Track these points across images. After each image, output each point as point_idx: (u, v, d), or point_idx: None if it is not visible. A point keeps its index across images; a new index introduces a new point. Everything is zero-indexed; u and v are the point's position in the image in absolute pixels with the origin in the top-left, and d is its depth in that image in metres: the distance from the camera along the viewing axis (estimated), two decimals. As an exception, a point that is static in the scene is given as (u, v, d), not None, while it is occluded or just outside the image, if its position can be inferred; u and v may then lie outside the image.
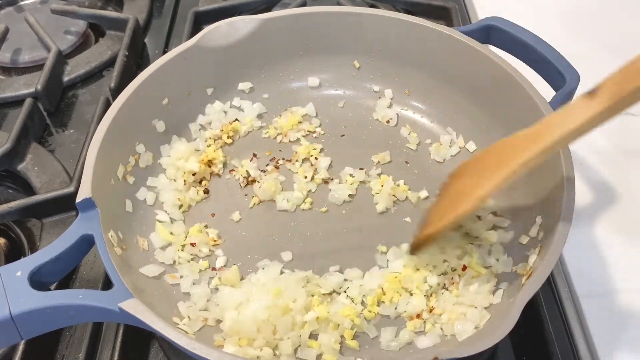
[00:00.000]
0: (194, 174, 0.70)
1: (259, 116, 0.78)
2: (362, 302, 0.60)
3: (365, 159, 0.74)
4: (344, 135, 0.77)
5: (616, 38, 0.92)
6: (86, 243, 0.55)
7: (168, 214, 0.67)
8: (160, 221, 0.66)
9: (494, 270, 0.61)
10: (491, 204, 0.67)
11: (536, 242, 0.58)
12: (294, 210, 0.69)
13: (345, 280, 0.62)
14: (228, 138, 0.75)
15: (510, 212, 0.66)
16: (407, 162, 0.73)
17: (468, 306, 0.58)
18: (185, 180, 0.70)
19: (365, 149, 0.75)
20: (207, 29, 0.73)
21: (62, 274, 0.56)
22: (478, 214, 0.66)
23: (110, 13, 1.00)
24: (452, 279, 0.60)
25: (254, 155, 0.74)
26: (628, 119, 0.80)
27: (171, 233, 0.65)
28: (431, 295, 0.60)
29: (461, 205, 0.51)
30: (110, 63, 0.93)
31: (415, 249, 0.61)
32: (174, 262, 0.64)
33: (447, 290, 0.60)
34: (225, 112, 0.78)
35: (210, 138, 0.75)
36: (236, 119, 0.77)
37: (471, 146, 0.73)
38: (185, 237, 0.66)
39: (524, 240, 0.61)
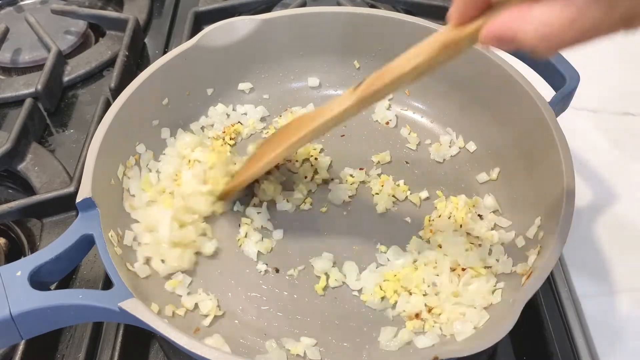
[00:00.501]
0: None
1: (262, 119, 0.78)
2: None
3: (365, 159, 0.74)
4: (343, 135, 0.77)
5: (616, 38, 0.92)
6: (86, 243, 0.55)
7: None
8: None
9: (494, 271, 0.61)
10: (492, 204, 0.67)
11: (536, 242, 0.58)
12: (294, 211, 0.69)
13: (345, 278, 0.62)
14: (230, 139, 0.75)
15: (510, 212, 0.66)
16: (407, 162, 0.73)
17: (467, 306, 0.58)
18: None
19: (365, 149, 0.75)
20: (207, 29, 0.73)
21: (62, 274, 0.56)
22: (479, 212, 0.66)
23: (110, 13, 1.00)
24: (451, 279, 0.60)
25: None
26: (628, 119, 0.80)
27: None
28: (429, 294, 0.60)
29: (255, 166, 0.64)
30: (110, 63, 0.93)
31: (221, 197, 0.67)
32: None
33: (447, 290, 0.60)
34: (228, 115, 0.78)
35: (212, 137, 0.75)
36: (239, 122, 0.77)
37: (471, 146, 0.73)
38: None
39: (524, 240, 0.61)
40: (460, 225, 0.64)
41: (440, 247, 0.63)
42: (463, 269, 0.60)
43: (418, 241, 0.65)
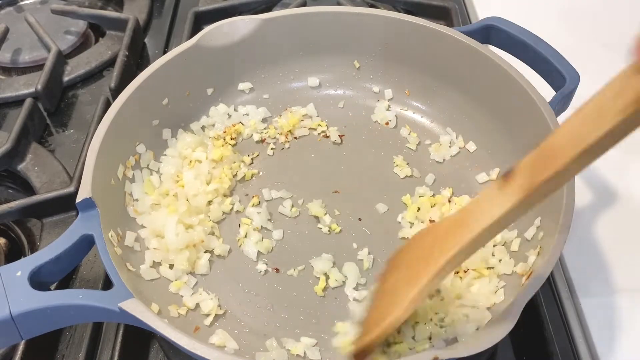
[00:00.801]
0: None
1: (264, 120, 0.78)
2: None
3: (363, 159, 0.74)
4: (344, 135, 0.77)
5: (616, 38, 0.92)
6: (86, 243, 0.55)
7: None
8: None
9: (496, 271, 0.61)
10: None
11: (536, 242, 0.58)
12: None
13: (346, 279, 0.62)
14: (231, 139, 0.75)
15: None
16: (407, 163, 0.73)
17: (471, 307, 0.58)
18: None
19: (365, 148, 0.75)
20: (207, 29, 0.73)
21: (62, 274, 0.56)
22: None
23: (110, 13, 1.00)
24: (452, 281, 0.60)
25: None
26: (628, 119, 0.80)
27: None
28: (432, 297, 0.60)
29: (395, 311, 0.45)
30: (110, 63, 0.93)
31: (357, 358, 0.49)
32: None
33: (450, 292, 0.60)
34: (229, 115, 0.77)
35: (212, 137, 0.75)
36: (240, 122, 0.77)
37: (471, 146, 0.73)
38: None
39: (524, 240, 0.61)
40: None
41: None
42: (465, 271, 0.60)
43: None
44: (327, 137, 0.76)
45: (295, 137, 0.77)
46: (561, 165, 0.34)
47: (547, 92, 0.64)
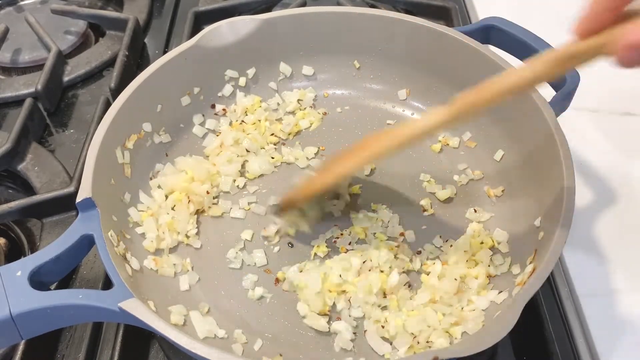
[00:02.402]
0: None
1: (266, 119, 0.78)
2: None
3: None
4: (343, 135, 0.77)
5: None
6: (86, 243, 0.55)
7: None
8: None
9: (495, 271, 0.61)
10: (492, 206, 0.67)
11: (536, 242, 0.58)
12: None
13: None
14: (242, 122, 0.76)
15: (510, 212, 0.66)
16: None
17: (470, 309, 0.58)
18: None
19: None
20: (207, 29, 0.73)
21: (62, 274, 0.56)
22: (480, 213, 0.66)
23: (110, 13, 1.00)
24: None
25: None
26: (628, 119, 0.80)
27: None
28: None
29: (326, 177, 0.60)
30: (110, 63, 0.93)
31: (278, 212, 0.65)
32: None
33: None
34: (230, 115, 0.78)
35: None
36: (242, 121, 0.77)
37: (471, 146, 0.73)
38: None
39: (524, 240, 0.61)
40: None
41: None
42: (462, 277, 0.60)
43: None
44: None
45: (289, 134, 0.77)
46: (482, 99, 0.47)
47: (547, 92, 0.64)
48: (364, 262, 0.61)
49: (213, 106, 0.77)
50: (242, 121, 0.77)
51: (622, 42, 0.33)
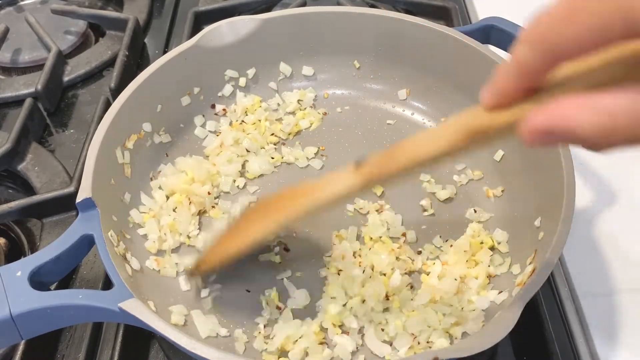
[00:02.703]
0: None
1: (266, 119, 0.78)
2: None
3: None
4: (344, 135, 0.77)
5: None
6: (86, 243, 0.55)
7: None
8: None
9: (495, 271, 0.61)
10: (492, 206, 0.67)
11: (536, 242, 0.58)
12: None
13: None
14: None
15: (510, 212, 0.66)
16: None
17: (470, 310, 0.58)
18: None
19: (365, 148, 0.75)
20: (207, 29, 0.73)
21: (62, 274, 0.56)
22: (480, 213, 0.66)
23: (110, 13, 1.00)
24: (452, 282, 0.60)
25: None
26: (628, 119, 0.80)
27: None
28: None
29: (237, 241, 0.54)
30: (110, 63, 0.93)
31: (191, 273, 0.60)
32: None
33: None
34: (230, 116, 0.78)
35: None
36: (242, 121, 0.77)
37: (471, 146, 0.73)
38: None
39: (524, 240, 0.61)
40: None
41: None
42: (462, 278, 0.60)
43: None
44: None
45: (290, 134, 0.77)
46: (395, 168, 0.41)
47: (547, 92, 0.64)
48: (363, 271, 0.61)
49: (213, 106, 0.77)
50: (242, 121, 0.77)
51: (530, 125, 0.30)
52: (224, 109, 0.77)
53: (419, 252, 0.64)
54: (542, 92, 0.32)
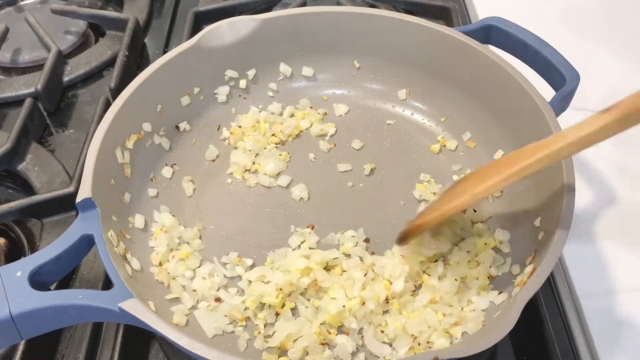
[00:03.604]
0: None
1: (265, 120, 0.78)
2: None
3: (363, 158, 0.74)
4: (343, 135, 0.77)
5: (617, 38, 0.92)
6: (86, 243, 0.55)
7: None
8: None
9: (495, 271, 0.61)
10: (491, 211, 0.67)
11: (536, 242, 0.58)
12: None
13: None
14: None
15: (510, 212, 0.66)
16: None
17: (470, 309, 0.58)
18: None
19: (365, 148, 0.75)
20: (207, 29, 0.73)
21: (62, 274, 0.56)
22: (480, 213, 0.66)
23: (110, 13, 1.00)
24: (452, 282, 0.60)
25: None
26: (628, 119, 0.80)
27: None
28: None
29: (457, 199, 0.53)
30: (110, 63, 0.93)
31: (402, 239, 0.60)
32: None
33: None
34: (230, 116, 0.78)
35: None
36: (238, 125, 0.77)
37: (471, 145, 0.73)
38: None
39: (524, 240, 0.61)
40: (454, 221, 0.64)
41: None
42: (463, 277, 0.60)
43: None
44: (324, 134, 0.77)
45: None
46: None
47: (547, 92, 0.64)
48: (365, 274, 0.61)
49: (218, 128, 0.77)
50: (239, 126, 0.76)
51: None
52: (231, 132, 0.76)
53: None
54: None
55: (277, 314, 0.59)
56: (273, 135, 0.76)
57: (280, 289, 0.59)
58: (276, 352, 0.57)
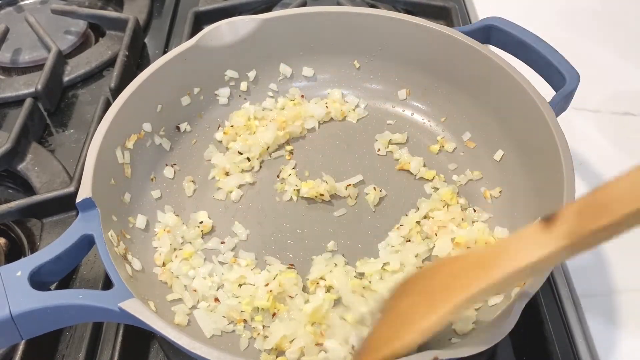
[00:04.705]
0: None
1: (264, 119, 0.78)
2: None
3: (363, 159, 0.74)
4: (342, 135, 0.77)
5: (617, 38, 0.92)
6: (86, 243, 0.55)
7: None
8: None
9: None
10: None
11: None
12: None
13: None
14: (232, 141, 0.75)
15: (510, 212, 0.66)
16: (408, 162, 0.73)
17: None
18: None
19: (365, 147, 0.75)
20: (207, 29, 0.73)
21: (62, 274, 0.56)
22: (479, 212, 0.66)
23: (110, 13, 1.00)
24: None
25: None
26: (628, 119, 0.80)
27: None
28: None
29: (406, 335, 0.44)
30: (110, 63, 0.93)
31: None
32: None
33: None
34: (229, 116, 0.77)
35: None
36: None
37: (470, 146, 0.73)
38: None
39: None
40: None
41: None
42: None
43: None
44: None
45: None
46: (618, 216, 0.31)
47: (547, 92, 0.64)
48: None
49: (218, 128, 0.77)
50: (232, 125, 0.76)
51: None
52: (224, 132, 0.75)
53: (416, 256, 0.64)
54: None
55: (273, 315, 0.59)
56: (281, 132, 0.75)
57: (270, 291, 0.59)
58: (274, 353, 0.57)
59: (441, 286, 0.41)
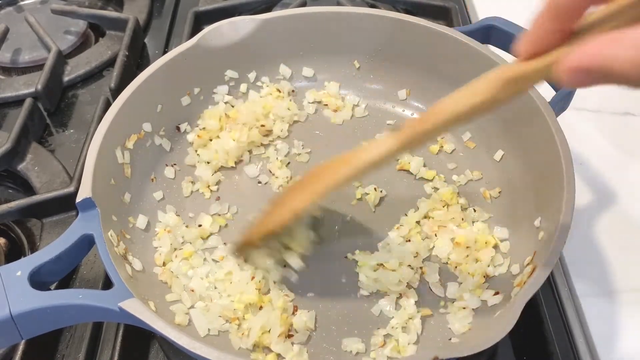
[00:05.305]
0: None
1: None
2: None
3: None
4: (343, 134, 0.77)
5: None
6: (86, 243, 0.55)
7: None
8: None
9: (493, 271, 0.61)
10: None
11: (536, 242, 0.58)
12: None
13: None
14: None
15: (510, 212, 0.66)
16: (409, 162, 0.73)
17: (470, 309, 0.58)
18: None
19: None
20: (207, 29, 0.73)
21: (62, 274, 0.56)
22: (479, 213, 0.66)
23: (110, 13, 1.00)
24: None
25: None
26: (628, 119, 0.80)
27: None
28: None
29: (282, 213, 0.55)
30: (110, 63, 0.93)
31: (236, 252, 0.60)
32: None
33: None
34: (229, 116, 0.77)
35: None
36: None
37: (470, 145, 0.73)
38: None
39: (524, 240, 0.61)
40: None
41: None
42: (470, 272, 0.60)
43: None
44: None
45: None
46: (432, 126, 0.43)
47: (547, 92, 0.64)
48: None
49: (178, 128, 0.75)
50: (203, 128, 0.74)
51: (567, 65, 0.31)
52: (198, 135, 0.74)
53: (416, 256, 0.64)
54: (576, 36, 0.33)
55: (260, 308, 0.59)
56: (262, 125, 0.75)
57: (260, 281, 0.59)
58: (260, 351, 0.57)
59: (315, 179, 0.52)
